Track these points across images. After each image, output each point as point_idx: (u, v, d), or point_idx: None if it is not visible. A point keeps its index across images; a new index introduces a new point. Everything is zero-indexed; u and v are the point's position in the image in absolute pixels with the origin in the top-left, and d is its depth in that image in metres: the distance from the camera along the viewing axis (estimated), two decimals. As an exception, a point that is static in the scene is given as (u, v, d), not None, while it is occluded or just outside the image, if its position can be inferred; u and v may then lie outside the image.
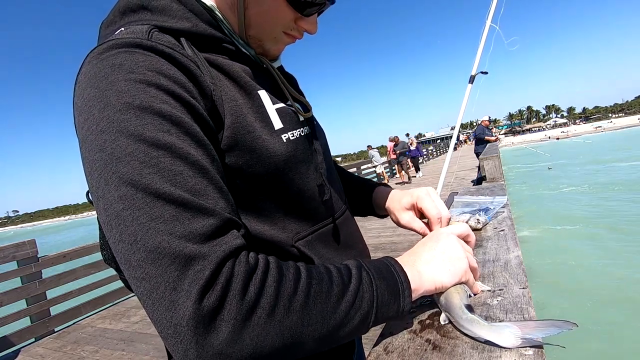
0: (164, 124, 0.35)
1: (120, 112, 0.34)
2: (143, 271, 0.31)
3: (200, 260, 0.31)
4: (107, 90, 0.35)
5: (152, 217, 0.31)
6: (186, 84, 0.40)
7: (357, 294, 0.39)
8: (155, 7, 0.46)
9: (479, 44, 2.31)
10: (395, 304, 0.42)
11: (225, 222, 0.35)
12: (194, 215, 0.33)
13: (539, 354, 0.37)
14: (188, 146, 0.36)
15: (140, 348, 2.88)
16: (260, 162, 0.46)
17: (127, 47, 0.38)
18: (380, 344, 0.46)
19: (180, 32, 0.45)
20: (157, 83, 0.37)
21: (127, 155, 0.33)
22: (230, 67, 0.48)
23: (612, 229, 5.97)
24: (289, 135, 0.49)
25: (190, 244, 0.31)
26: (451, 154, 2.51)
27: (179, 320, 0.30)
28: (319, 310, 0.35)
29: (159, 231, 0.31)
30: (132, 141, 0.33)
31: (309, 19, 0.52)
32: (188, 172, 0.34)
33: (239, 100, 0.46)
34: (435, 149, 26.63)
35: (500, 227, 0.89)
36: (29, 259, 3.47)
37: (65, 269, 3.81)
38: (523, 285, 0.53)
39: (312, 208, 0.54)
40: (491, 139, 8.52)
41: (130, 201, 0.32)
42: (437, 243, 0.52)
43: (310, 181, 0.53)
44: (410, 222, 0.65)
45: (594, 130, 65.53)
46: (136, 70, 0.37)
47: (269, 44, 0.53)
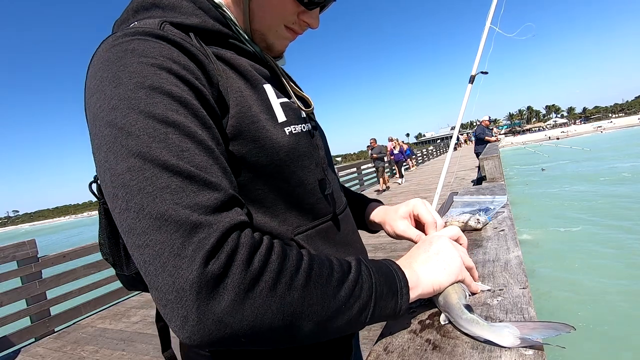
0: (173, 104, 0.36)
1: (131, 90, 0.35)
2: (147, 238, 0.31)
3: (205, 229, 0.31)
4: (120, 71, 0.37)
5: (159, 187, 0.32)
6: (195, 71, 0.41)
7: (356, 283, 0.39)
8: (166, 5, 0.48)
9: (479, 44, 2.31)
10: (393, 301, 0.43)
11: (230, 197, 0.35)
12: (200, 188, 0.33)
13: (539, 354, 0.37)
14: (195, 126, 0.37)
15: (140, 348, 2.88)
16: (264, 151, 0.46)
17: (140, 35, 0.40)
18: (380, 344, 0.46)
19: (189, 27, 0.46)
20: (168, 67, 0.38)
21: (137, 130, 0.34)
22: (237, 61, 0.49)
23: (613, 229, 5.97)
24: (291, 129, 0.50)
25: (196, 213, 0.31)
26: (451, 154, 2.51)
27: (182, 285, 0.29)
28: (319, 292, 0.36)
29: (165, 200, 0.31)
30: (142, 117, 0.34)
31: (312, 13, 0.53)
32: (195, 149, 0.35)
33: (244, 92, 0.47)
34: (435, 149, 26.65)
35: (500, 227, 0.89)
36: (29, 259, 3.47)
37: (65, 269, 3.81)
38: (523, 285, 0.53)
39: (312, 203, 0.55)
40: (491, 139, 8.52)
41: (138, 172, 0.32)
42: (431, 245, 0.53)
43: (312, 175, 0.54)
44: (406, 231, 0.66)
45: (594, 130, 65.53)
46: (148, 54, 0.38)
47: (271, 38, 0.54)
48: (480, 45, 2.31)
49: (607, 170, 13.07)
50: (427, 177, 11.98)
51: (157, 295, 0.31)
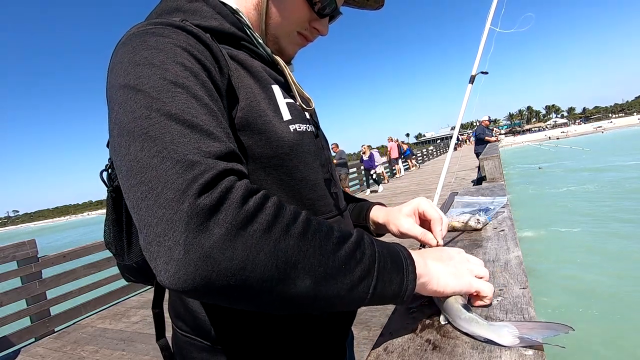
0: (184, 72, 0.38)
1: (146, 58, 0.38)
2: (144, 175, 0.31)
3: (202, 166, 0.31)
4: (139, 46, 0.40)
5: (162, 132, 0.32)
6: (208, 57, 0.44)
7: (357, 247, 0.38)
8: (187, 9, 0.51)
9: (480, 44, 2.31)
10: (399, 277, 0.40)
11: (231, 150, 0.36)
12: (202, 136, 0.34)
13: (539, 354, 0.37)
14: (203, 93, 0.38)
15: (140, 348, 2.88)
16: (269, 144, 0.49)
17: (162, 25, 0.43)
18: (380, 344, 0.46)
19: (207, 29, 0.49)
20: (185, 47, 0.41)
21: (147, 87, 0.35)
22: (249, 62, 0.52)
23: (616, 228, 5.97)
24: (296, 127, 0.53)
25: (195, 154, 0.32)
26: (451, 154, 2.50)
27: (171, 216, 0.29)
28: (317, 245, 0.34)
29: (165, 142, 0.32)
30: (154, 78, 0.36)
31: (322, 21, 0.58)
32: (200, 109, 0.36)
33: (254, 89, 0.50)
34: (435, 149, 26.67)
35: (500, 227, 0.89)
36: (29, 259, 3.47)
37: (65, 269, 3.81)
38: (523, 285, 0.53)
39: (313, 199, 0.56)
40: (491, 139, 8.52)
41: (143, 120, 0.34)
42: (446, 251, 0.53)
43: (315, 174, 0.56)
44: (410, 229, 0.65)
45: (594, 130, 65.50)
46: (167, 36, 0.41)
47: (284, 42, 0.58)
48: (480, 45, 2.31)
49: (608, 170, 13.07)
50: (427, 177, 11.97)
51: (146, 233, 0.30)
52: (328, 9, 0.57)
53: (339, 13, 0.61)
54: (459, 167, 11.59)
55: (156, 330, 0.62)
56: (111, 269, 4.23)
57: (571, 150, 16.91)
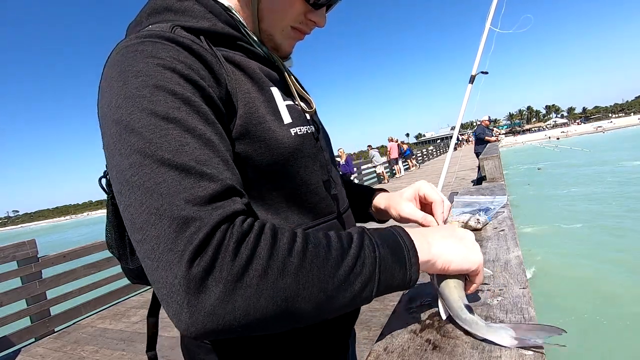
0: (175, 101, 0.38)
1: (136, 89, 0.37)
2: (145, 233, 0.33)
3: (196, 222, 0.32)
4: (128, 70, 0.39)
5: (157, 182, 0.33)
6: (201, 71, 0.42)
7: (357, 259, 0.38)
8: (178, 9, 0.49)
9: (479, 43, 2.31)
10: (401, 272, 0.41)
11: (226, 188, 0.36)
12: (196, 180, 0.34)
13: (539, 354, 0.37)
14: (196, 122, 0.38)
15: (140, 348, 2.88)
16: (269, 151, 0.48)
17: (151, 37, 0.42)
18: (380, 344, 0.46)
19: (199, 30, 0.48)
20: (173, 67, 0.40)
21: (140, 127, 0.36)
22: (246, 63, 0.51)
23: (616, 228, 5.96)
24: (296, 130, 0.52)
25: (190, 206, 0.33)
26: (451, 154, 2.50)
27: (172, 280, 0.31)
28: (315, 274, 0.35)
29: (162, 195, 0.33)
30: (145, 115, 0.36)
31: (319, 12, 0.54)
32: (194, 144, 0.37)
33: (252, 94, 0.49)
34: (435, 149, 26.67)
35: (500, 227, 0.89)
36: (29, 259, 3.47)
37: (65, 269, 3.80)
38: (523, 285, 0.53)
39: (315, 202, 0.56)
40: (491, 139, 8.52)
41: (139, 168, 0.34)
42: (457, 230, 0.51)
43: (315, 176, 0.56)
44: (412, 213, 0.64)
45: (594, 130, 65.47)
46: (156, 55, 0.40)
47: (279, 38, 0.56)
48: (480, 45, 2.31)
49: (608, 169, 13.06)
50: (427, 177, 11.97)
51: (155, 289, 0.32)
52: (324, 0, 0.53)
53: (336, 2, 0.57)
54: (459, 167, 11.59)
55: (148, 340, 0.62)
56: (111, 269, 4.23)
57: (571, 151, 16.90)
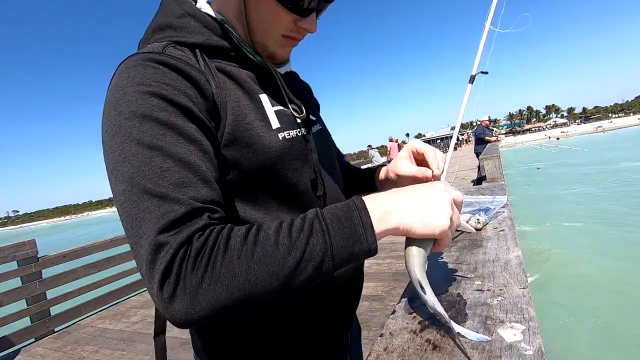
0: (160, 128, 0.43)
1: (127, 119, 0.43)
2: (135, 253, 0.40)
3: (165, 247, 0.38)
4: (121, 99, 0.44)
5: (140, 209, 0.40)
6: (186, 91, 0.47)
7: (306, 247, 0.41)
8: (177, 26, 0.55)
9: (479, 44, 2.31)
10: (357, 245, 0.43)
11: (192, 209, 0.41)
12: (170, 205, 0.40)
13: (539, 354, 0.37)
14: (179, 146, 0.44)
15: (140, 348, 2.88)
16: (257, 155, 0.52)
17: (143, 60, 0.47)
18: (380, 344, 0.46)
19: (195, 45, 0.53)
20: (159, 93, 0.45)
21: (130, 156, 0.42)
22: (237, 73, 0.55)
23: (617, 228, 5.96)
24: (284, 134, 0.55)
25: (162, 235, 0.39)
26: (451, 154, 2.51)
27: (153, 293, 0.38)
28: (264, 270, 0.39)
29: (144, 221, 0.39)
30: (134, 144, 0.42)
31: (308, 19, 0.56)
32: (174, 168, 0.42)
33: (241, 102, 0.53)
34: (435, 149, 26.67)
35: (500, 227, 0.89)
36: (29, 259, 3.47)
37: (65, 269, 3.80)
38: (523, 285, 0.53)
39: (305, 201, 0.58)
40: (491, 139, 8.52)
41: (128, 194, 0.41)
42: (427, 191, 0.48)
43: (304, 177, 0.58)
44: (407, 169, 0.64)
45: (594, 130, 65.46)
46: (144, 82, 0.45)
47: (272, 47, 0.58)
48: (480, 45, 2.31)
49: (608, 169, 13.06)
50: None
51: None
52: (313, 3, 0.54)
53: (325, 4, 0.57)
54: (459, 167, 11.59)
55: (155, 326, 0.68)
56: (111, 269, 4.24)
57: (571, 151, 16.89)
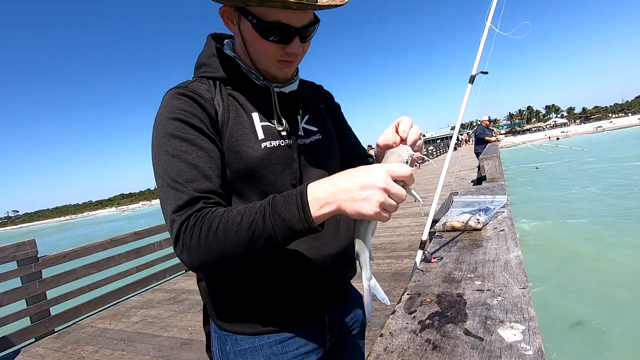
0: (180, 142, 0.65)
1: (161, 137, 0.66)
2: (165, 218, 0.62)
3: (175, 223, 0.59)
4: (159, 123, 0.68)
5: (166, 196, 0.62)
6: (198, 114, 0.68)
7: (256, 227, 0.55)
8: (207, 64, 0.77)
9: (479, 43, 2.31)
10: (298, 225, 0.53)
11: (193, 197, 0.60)
12: (180, 194, 0.61)
13: (539, 354, 0.37)
14: (192, 153, 0.64)
15: (140, 348, 2.88)
16: (241, 159, 0.69)
17: (173, 94, 0.70)
18: (380, 344, 0.46)
19: (215, 78, 0.75)
20: (180, 118, 0.66)
21: (163, 162, 0.64)
22: (240, 97, 0.74)
23: (617, 227, 5.96)
24: (267, 144, 0.71)
25: (175, 214, 0.59)
26: (451, 154, 2.50)
27: (175, 250, 0.60)
28: (229, 240, 0.56)
29: (167, 204, 0.61)
30: (164, 154, 0.65)
31: (292, 45, 0.68)
32: (186, 168, 0.63)
33: (239, 119, 0.71)
34: (435, 149, 26.66)
35: (500, 227, 0.89)
36: (29, 259, 3.47)
37: (65, 269, 3.80)
38: (523, 285, 0.53)
39: None
40: (491, 139, 8.52)
41: (160, 187, 0.64)
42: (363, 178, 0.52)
43: (284, 179, 0.73)
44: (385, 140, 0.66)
45: (594, 130, 65.42)
46: (172, 110, 0.67)
47: (273, 71, 0.74)
48: (480, 45, 2.31)
49: (609, 169, 13.05)
50: (427, 177, 11.94)
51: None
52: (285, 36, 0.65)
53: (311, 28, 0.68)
54: (459, 167, 11.58)
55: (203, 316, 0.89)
56: (111, 269, 4.24)
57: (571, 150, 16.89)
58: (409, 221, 5.47)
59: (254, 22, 0.65)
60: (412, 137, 0.62)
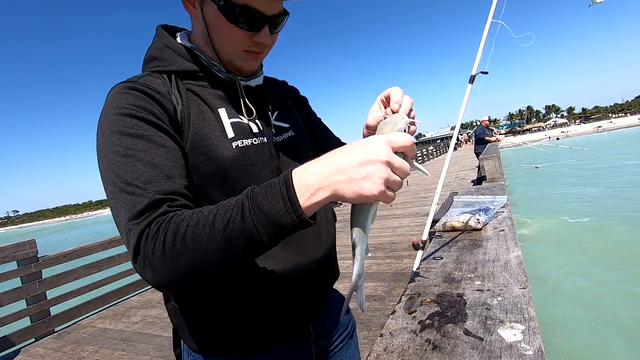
0: (132, 140, 0.54)
1: (108, 137, 0.55)
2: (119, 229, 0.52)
3: (132, 233, 0.49)
4: (104, 121, 0.56)
5: (119, 203, 0.51)
6: (152, 109, 0.57)
7: (234, 227, 0.45)
8: (159, 57, 0.66)
9: (480, 43, 2.31)
10: (285, 220, 0.44)
11: (154, 201, 0.50)
12: (138, 198, 0.50)
13: (539, 354, 0.37)
14: (148, 151, 0.54)
15: (140, 348, 2.88)
16: (210, 162, 0.59)
17: (121, 89, 0.59)
18: (380, 344, 0.46)
19: (170, 72, 0.65)
20: (130, 113, 0.56)
21: (112, 164, 0.53)
22: (201, 91, 0.65)
23: (617, 227, 5.96)
24: (238, 143, 0.62)
25: (131, 222, 0.49)
26: (451, 154, 2.50)
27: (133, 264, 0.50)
28: (201, 246, 0.45)
29: (120, 212, 0.51)
30: (114, 154, 0.53)
31: (261, 34, 0.62)
32: (143, 169, 0.52)
33: (203, 115, 0.62)
34: (435, 149, 26.67)
35: (500, 227, 0.89)
36: (29, 259, 3.47)
37: (65, 269, 3.80)
38: (523, 285, 0.53)
39: None
40: (491, 139, 8.52)
41: (111, 193, 0.52)
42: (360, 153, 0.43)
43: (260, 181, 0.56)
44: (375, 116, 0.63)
45: (594, 130, 65.43)
46: (120, 106, 0.56)
47: (237, 62, 0.66)
48: (480, 44, 2.30)
49: (609, 169, 13.06)
50: (427, 177, 11.93)
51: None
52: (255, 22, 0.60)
53: (280, 18, 0.63)
54: (458, 167, 11.58)
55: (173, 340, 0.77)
56: (111, 269, 4.24)
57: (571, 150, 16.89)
58: (409, 221, 5.47)
59: (221, 4, 0.58)
60: (405, 108, 0.56)
